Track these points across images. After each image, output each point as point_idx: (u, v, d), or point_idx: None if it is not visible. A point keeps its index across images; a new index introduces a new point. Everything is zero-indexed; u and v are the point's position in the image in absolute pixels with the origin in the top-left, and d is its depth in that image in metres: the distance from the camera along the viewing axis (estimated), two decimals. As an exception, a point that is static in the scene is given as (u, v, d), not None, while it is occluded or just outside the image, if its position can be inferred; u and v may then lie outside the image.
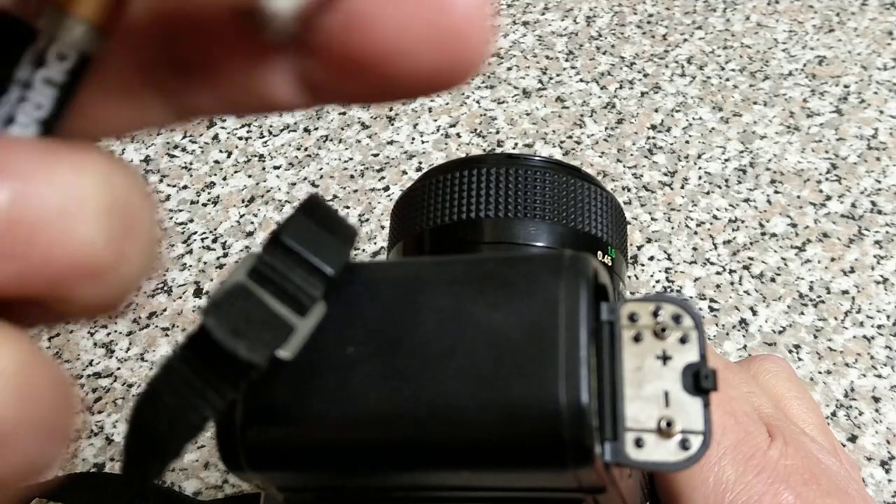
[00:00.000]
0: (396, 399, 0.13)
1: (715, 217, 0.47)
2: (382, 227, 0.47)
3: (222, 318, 0.12)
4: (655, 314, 0.14)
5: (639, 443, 0.14)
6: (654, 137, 0.51)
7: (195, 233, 0.47)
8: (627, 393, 0.14)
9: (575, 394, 0.13)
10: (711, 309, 0.43)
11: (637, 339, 0.14)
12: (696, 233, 0.47)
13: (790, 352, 0.42)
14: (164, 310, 0.44)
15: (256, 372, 0.13)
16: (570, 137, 0.51)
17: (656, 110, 0.53)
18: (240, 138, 0.52)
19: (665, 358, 0.14)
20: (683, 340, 0.14)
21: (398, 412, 0.13)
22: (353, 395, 0.14)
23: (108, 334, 0.43)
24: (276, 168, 0.50)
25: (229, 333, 0.12)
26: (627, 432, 0.14)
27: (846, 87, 0.54)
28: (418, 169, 0.50)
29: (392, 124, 0.52)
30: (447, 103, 0.54)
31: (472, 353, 0.13)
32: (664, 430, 0.14)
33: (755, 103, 0.53)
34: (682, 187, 0.49)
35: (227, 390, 0.13)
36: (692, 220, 0.47)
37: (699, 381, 0.14)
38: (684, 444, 0.14)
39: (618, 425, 0.14)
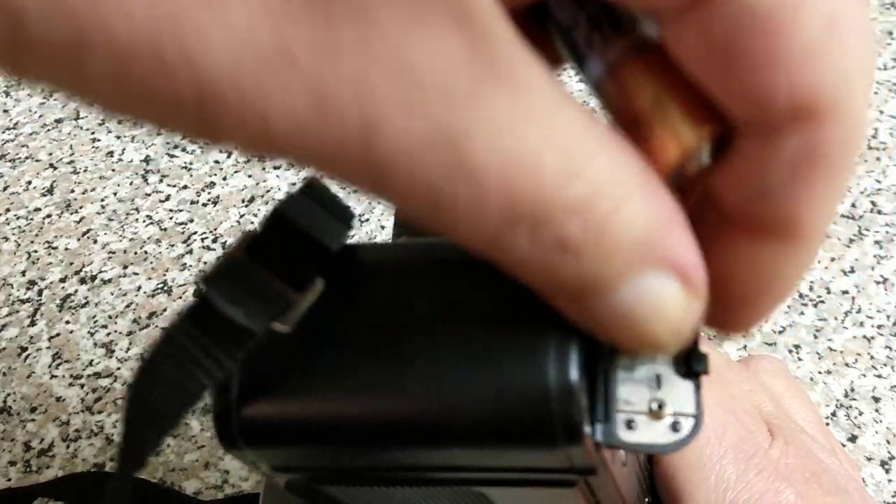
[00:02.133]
0: (388, 376, 0.13)
1: (715, 217, 0.47)
2: (383, 228, 0.47)
3: (222, 287, 0.13)
4: None
5: (630, 424, 0.14)
6: (654, 137, 0.51)
7: (195, 233, 0.47)
8: (619, 375, 0.14)
9: (565, 372, 0.13)
10: (712, 309, 0.43)
11: None
12: (696, 233, 0.47)
13: (790, 352, 0.42)
14: (165, 310, 0.44)
15: (253, 341, 0.13)
16: (571, 137, 0.51)
17: (656, 110, 0.53)
18: (240, 138, 0.52)
19: None
20: None
21: (390, 389, 0.13)
22: (346, 371, 0.14)
23: (108, 334, 0.43)
24: (276, 168, 0.50)
25: (228, 301, 0.12)
26: (618, 414, 0.14)
27: (846, 87, 0.54)
28: (418, 169, 0.50)
29: (392, 124, 0.52)
30: (447, 103, 0.54)
31: (463, 331, 0.13)
32: (655, 412, 0.14)
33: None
34: (683, 187, 0.49)
35: (224, 358, 0.13)
36: (692, 220, 0.47)
37: (691, 364, 0.14)
38: (675, 427, 0.14)
39: (609, 407, 0.14)
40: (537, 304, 0.13)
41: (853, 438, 0.39)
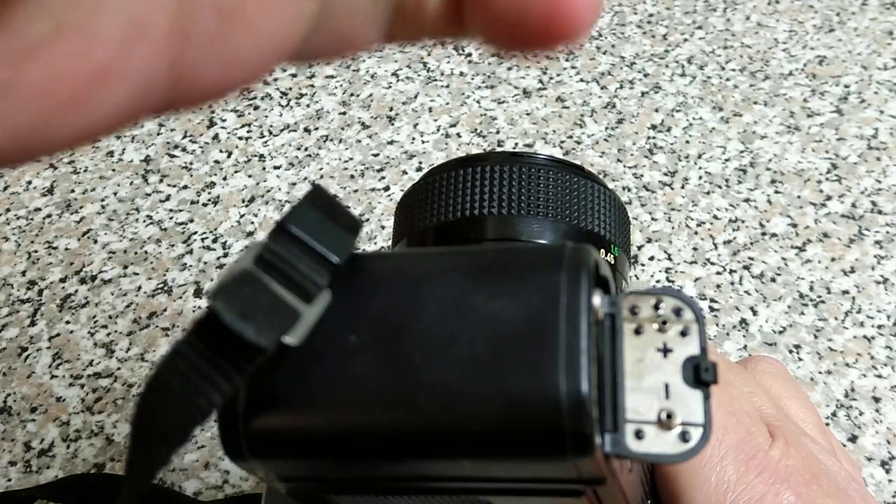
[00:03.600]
0: (397, 387, 0.13)
1: (715, 217, 0.47)
2: (383, 227, 0.47)
3: (230, 302, 0.12)
4: (657, 307, 0.14)
5: (639, 434, 0.14)
6: (654, 137, 0.51)
7: (195, 233, 0.47)
8: (628, 384, 0.14)
9: (575, 383, 0.13)
10: (712, 309, 0.43)
11: (638, 331, 0.14)
12: (696, 233, 0.47)
13: (790, 352, 0.42)
14: (165, 310, 0.44)
15: (263, 356, 0.13)
16: (571, 137, 0.51)
17: (657, 110, 0.53)
18: (240, 138, 0.52)
19: (666, 350, 0.14)
20: (684, 333, 0.14)
21: (399, 400, 0.13)
22: (354, 383, 0.14)
23: (109, 334, 0.43)
24: (276, 168, 0.50)
25: (237, 316, 0.12)
26: (628, 424, 0.14)
27: (846, 86, 0.54)
28: (418, 169, 0.50)
29: (392, 124, 0.52)
30: (447, 103, 0.53)
31: (473, 342, 0.13)
32: (664, 422, 0.14)
33: (755, 103, 0.53)
34: (683, 187, 0.49)
35: (233, 374, 0.13)
36: (692, 220, 0.47)
37: (699, 373, 0.14)
38: (684, 437, 0.14)
39: (618, 416, 0.14)
40: (546, 313, 0.13)
41: (853, 439, 0.39)
